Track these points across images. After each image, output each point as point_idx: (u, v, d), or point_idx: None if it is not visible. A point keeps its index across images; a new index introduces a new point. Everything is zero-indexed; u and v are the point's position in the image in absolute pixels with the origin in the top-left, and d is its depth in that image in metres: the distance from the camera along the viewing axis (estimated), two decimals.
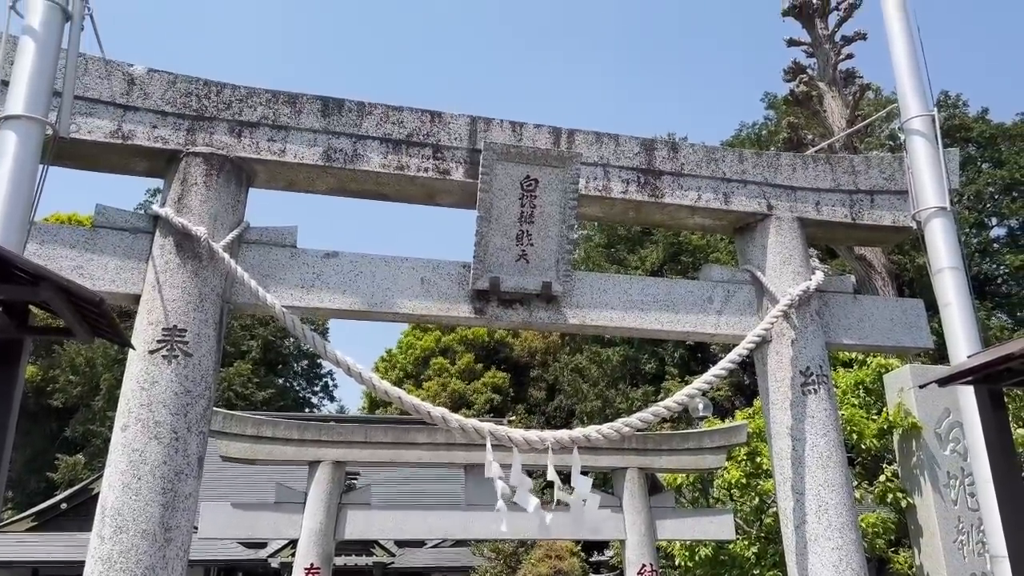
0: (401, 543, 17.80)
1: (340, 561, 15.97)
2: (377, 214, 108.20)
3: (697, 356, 26.59)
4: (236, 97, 5.62)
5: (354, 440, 9.19)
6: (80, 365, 32.10)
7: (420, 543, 18.54)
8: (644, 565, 9.16)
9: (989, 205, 27.43)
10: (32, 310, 3.56)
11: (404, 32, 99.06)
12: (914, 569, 8.30)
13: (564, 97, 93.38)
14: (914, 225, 6.40)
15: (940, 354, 8.32)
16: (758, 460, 10.11)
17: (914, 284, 21.04)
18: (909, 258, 21.42)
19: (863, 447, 9.39)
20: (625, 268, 27.47)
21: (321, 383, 42.84)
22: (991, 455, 3.99)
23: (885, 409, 9.00)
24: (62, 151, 4.80)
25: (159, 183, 5.67)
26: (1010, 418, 4.73)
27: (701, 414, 14.98)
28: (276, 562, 16.87)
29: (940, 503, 7.89)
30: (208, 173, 5.36)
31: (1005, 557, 4.02)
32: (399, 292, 5.65)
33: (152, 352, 4.85)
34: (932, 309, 6.34)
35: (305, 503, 8.77)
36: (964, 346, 5.58)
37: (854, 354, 10.63)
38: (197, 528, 6.52)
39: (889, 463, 9.31)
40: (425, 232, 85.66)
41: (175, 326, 4.92)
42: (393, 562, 18.07)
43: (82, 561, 4.58)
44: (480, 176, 5.60)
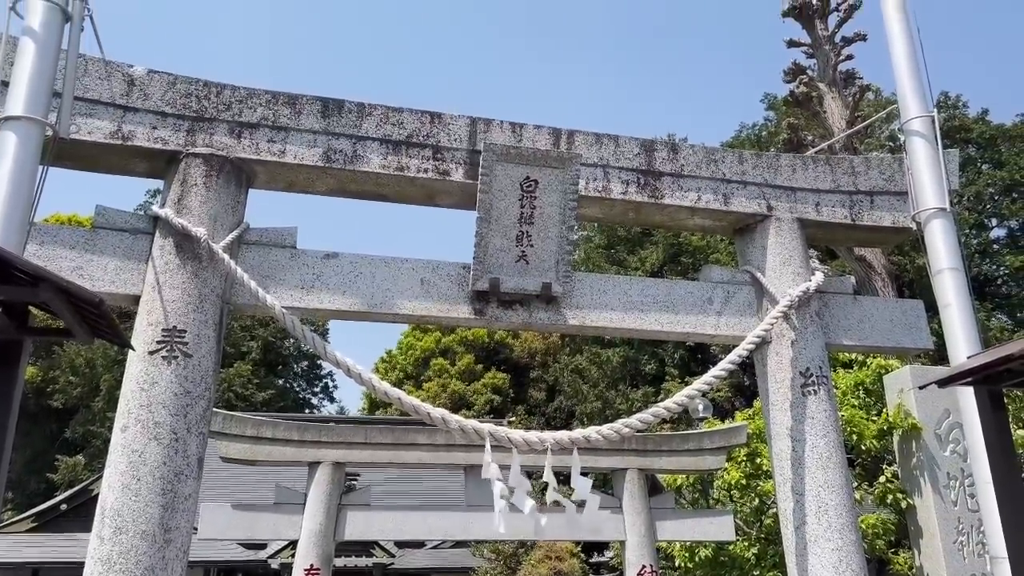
0: (401, 544, 17.77)
1: (340, 562, 15.95)
2: (377, 215, 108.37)
3: (697, 357, 26.59)
4: (236, 98, 5.62)
5: (354, 441, 9.18)
6: (80, 366, 32.08)
7: (420, 544, 18.52)
8: (644, 566, 9.14)
9: (989, 206, 27.44)
10: (32, 311, 3.56)
11: (404, 32, 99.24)
12: (914, 570, 8.29)
13: (564, 97, 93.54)
14: (914, 226, 6.40)
15: (940, 355, 8.32)
16: (758, 461, 10.10)
17: (914, 285, 21.05)
18: (909, 259, 21.43)
19: (863, 448, 9.38)
20: (625, 269, 27.45)
21: (321, 384, 42.82)
22: (991, 456, 3.99)
23: (885, 410, 8.99)
24: (62, 152, 4.80)
25: (159, 184, 5.67)
26: (1010, 419, 4.72)
27: (701, 415, 15.01)
28: (276, 563, 16.83)
29: (940, 504, 7.88)
30: (208, 174, 5.36)
31: (1005, 558, 4.02)
32: (399, 293, 5.64)
33: (152, 353, 4.85)
34: (932, 310, 6.34)
35: (305, 504, 8.75)
36: (964, 347, 5.58)
37: (854, 355, 10.63)
38: (197, 529, 6.52)
39: (889, 464, 9.30)
40: (425, 233, 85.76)
41: (175, 327, 4.92)
42: (393, 563, 18.04)
43: (82, 562, 4.58)
44: (480, 177, 5.60)
